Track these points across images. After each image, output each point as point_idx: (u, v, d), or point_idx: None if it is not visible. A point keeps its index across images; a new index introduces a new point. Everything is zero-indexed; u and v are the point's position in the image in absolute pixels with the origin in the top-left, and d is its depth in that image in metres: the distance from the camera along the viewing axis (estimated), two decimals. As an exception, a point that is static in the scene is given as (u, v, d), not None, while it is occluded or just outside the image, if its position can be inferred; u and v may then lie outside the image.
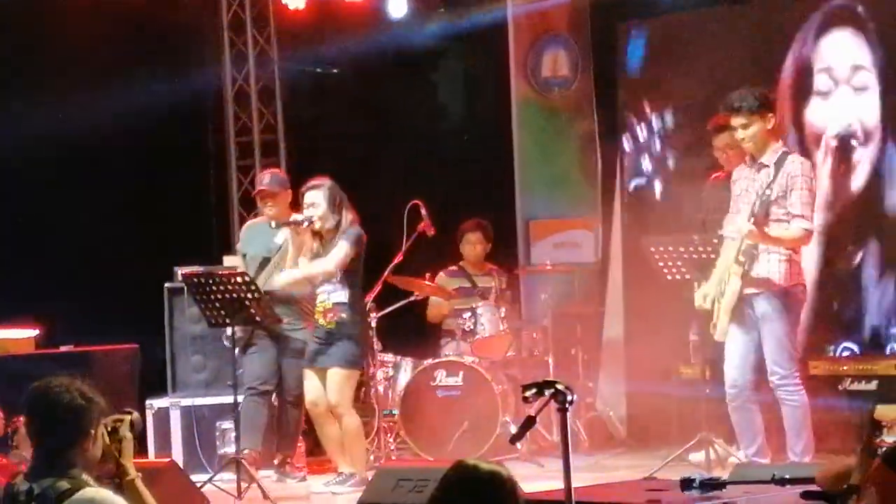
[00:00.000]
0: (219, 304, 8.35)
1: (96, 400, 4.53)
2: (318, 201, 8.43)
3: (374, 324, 9.42)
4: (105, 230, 10.11)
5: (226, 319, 8.43)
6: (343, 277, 8.41)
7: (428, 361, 9.63)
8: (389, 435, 9.59)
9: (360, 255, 8.47)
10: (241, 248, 9.51)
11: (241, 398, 8.72)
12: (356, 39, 11.09)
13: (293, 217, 8.59)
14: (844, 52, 9.43)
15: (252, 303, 8.30)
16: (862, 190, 9.43)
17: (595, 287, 10.62)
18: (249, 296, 8.29)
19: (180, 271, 9.49)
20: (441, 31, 11.35)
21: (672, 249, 8.36)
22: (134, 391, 9.40)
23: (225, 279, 8.34)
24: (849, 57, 9.42)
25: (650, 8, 10.29)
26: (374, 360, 9.53)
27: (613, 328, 10.52)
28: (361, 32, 11.06)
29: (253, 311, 8.33)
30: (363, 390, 9.60)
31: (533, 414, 5.03)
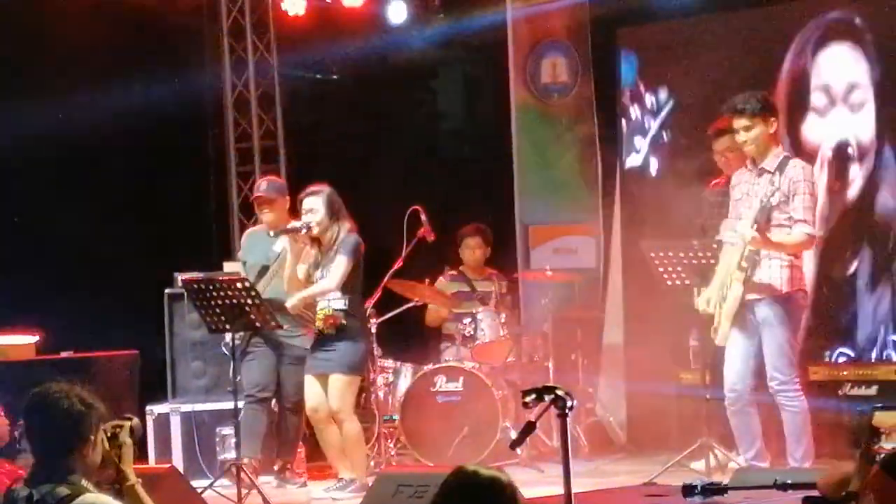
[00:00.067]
0: (219, 310, 8.34)
1: (96, 405, 4.53)
2: (317, 207, 8.42)
3: (375, 329, 9.41)
4: (105, 236, 10.10)
5: (226, 325, 8.42)
6: (343, 284, 8.41)
7: (428, 367, 9.62)
8: (390, 440, 9.58)
9: (360, 263, 8.46)
10: (241, 255, 9.52)
11: (241, 405, 8.72)
12: (356, 45, 11.11)
13: (291, 224, 8.58)
14: (842, 68, 9.42)
15: (252, 309, 8.29)
16: (856, 199, 9.44)
17: (595, 292, 10.62)
18: (249, 302, 8.28)
19: (180, 277, 9.49)
20: (440, 37, 11.35)
21: (672, 255, 8.36)
22: (134, 397, 9.40)
23: (225, 285, 8.32)
24: (846, 73, 9.40)
25: (649, 14, 10.28)
26: (374, 365, 9.51)
27: (613, 333, 10.51)
28: (361, 38, 11.07)
29: (253, 317, 8.32)
30: (363, 396, 9.60)
31: (533, 419, 5.03)
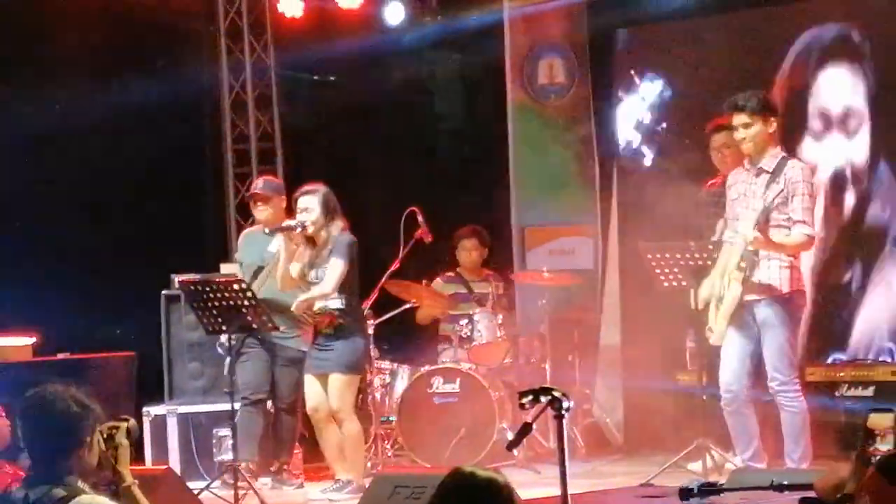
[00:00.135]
0: (216, 312, 8.33)
1: (92, 407, 4.53)
2: (312, 206, 8.42)
3: (372, 331, 9.40)
4: (102, 237, 10.11)
5: (223, 327, 8.42)
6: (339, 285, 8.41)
7: (425, 368, 9.62)
8: (387, 442, 9.58)
9: (355, 262, 8.45)
10: (238, 256, 9.54)
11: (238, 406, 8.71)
12: (353, 47, 11.09)
13: (286, 222, 8.58)
14: (839, 91, 9.46)
15: (248, 310, 8.29)
16: (850, 214, 9.48)
17: (592, 294, 10.62)
18: (246, 303, 8.28)
19: (177, 279, 9.49)
20: (437, 38, 11.36)
21: (668, 256, 8.36)
22: (131, 398, 9.38)
23: (222, 286, 8.32)
24: (843, 97, 9.44)
25: (645, 15, 10.28)
26: (371, 367, 9.51)
27: (610, 334, 10.51)
28: (358, 40, 11.06)
29: (249, 318, 8.32)
30: (360, 397, 9.58)
31: (530, 421, 5.02)
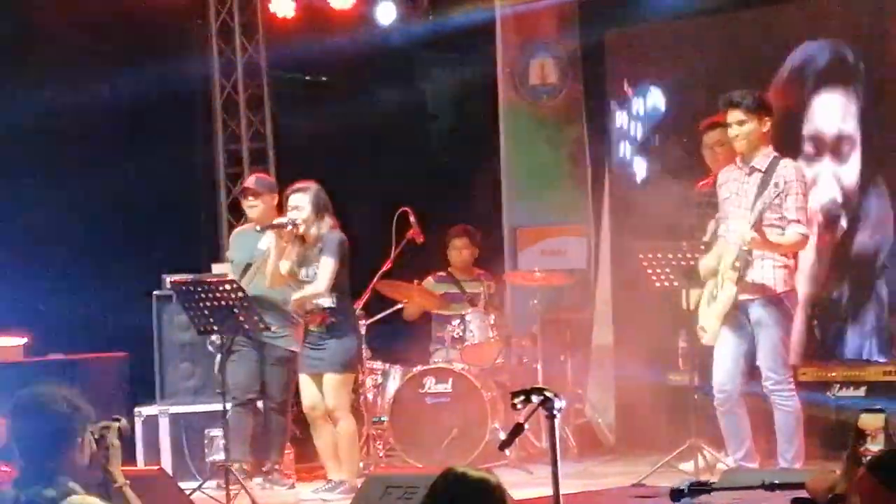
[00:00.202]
0: (207, 312, 8.32)
1: (82, 407, 4.52)
2: (303, 205, 8.41)
3: (364, 331, 9.40)
4: (93, 237, 10.09)
5: (214, 327, 8.41)
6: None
7: (417, 368, 9.61)
8: (379, 442, 9.57)
9: (345, 260, 8.44)
10: (229, 255, 9.55)
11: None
12: (345, 47, 11.09)
13: (277, 220, 8.58)
14: (832, 116, 9.48)
15: (240, 311, 8.28)
16: (841, 236, 9.50)
17: (584, 294, 10.62)
18: (237, 303, 8.27)
19: (169, 279, 9.47)
20: (429, 38, 11.35)
21: (661, 256, 8.37)
22: (123, 399, 9.38)
23: (213, 287, 8.31)
24: (836, 121, 9.46)
25: (637, 15, 10.28)
26: (363, 367, 9.50)
27: (602, 334, 10.51)
28: (350, 39, 11.06)
29: (241, 318, 8.31)
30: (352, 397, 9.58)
31: (522, 421, 5.03)
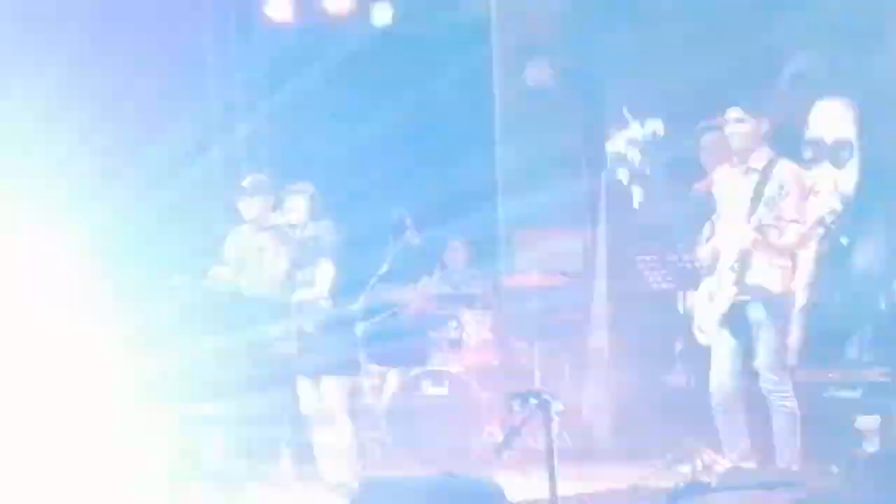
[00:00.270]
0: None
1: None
2: (299, 206, 8.42)
3: (361, 333, 9.40)
4: (91, 240, 10.06)
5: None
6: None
7: (414, 371, 9.62)
8: (375, 445, 9.57)
9: (342, 262, 8.43)
10: (226, 256, 9.53)
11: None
12: (342, 47, 11.08)
13: (273, 221, 8.58)
14: (831, 122, 9.49)
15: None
16: (839, 241, 9.51)
17: (581, 295, 10.62)
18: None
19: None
20: (425, 39, 11.35)
21: (658, 258, 8.37)
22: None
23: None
24: (834, 128, 9.48)
25: (636, 17, 10.29)
26: (360, 369, 9.50)
27: (599, 336, 10.51)
28: (346, 41, 11.05)
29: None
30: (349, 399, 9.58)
31: (518, 423, 5.03)
